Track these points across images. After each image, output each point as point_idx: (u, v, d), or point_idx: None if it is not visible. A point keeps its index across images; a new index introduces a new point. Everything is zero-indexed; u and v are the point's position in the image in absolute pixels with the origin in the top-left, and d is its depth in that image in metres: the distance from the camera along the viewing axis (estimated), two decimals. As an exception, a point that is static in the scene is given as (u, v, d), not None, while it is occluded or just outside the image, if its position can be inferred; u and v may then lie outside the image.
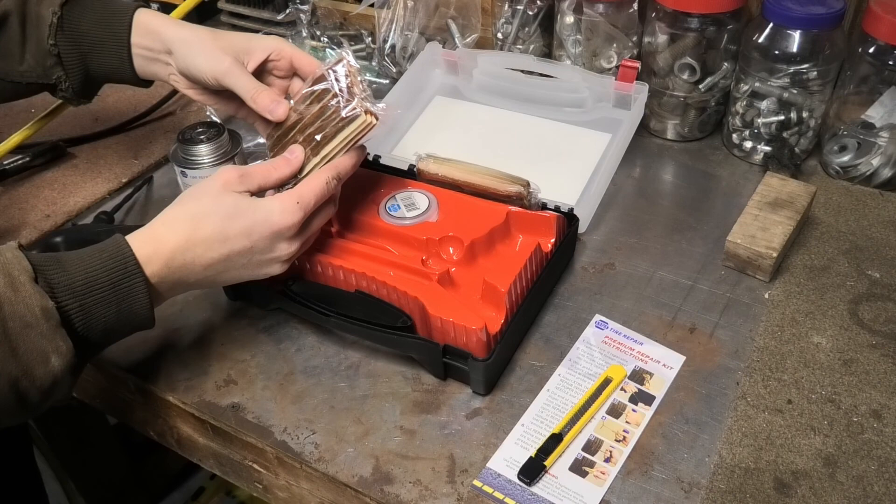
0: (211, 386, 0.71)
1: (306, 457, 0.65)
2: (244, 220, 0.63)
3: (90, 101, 0.82)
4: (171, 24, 0.75)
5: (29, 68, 0.76)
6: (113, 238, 0.60)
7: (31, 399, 0.55)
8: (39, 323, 0.54)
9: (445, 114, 1.01)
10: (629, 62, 0.92)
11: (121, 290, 0.58)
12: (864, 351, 0.71)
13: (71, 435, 1.23)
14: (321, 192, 0.66)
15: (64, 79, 0.77)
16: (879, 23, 0.82)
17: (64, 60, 0.76)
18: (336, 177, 0.67)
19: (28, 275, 0.55)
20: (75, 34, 0.76)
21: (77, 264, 0.58)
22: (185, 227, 0.62)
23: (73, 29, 0.75)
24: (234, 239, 0.62)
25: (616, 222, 0.87)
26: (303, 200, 0.64)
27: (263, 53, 0.75)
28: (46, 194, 0.93)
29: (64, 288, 0.56)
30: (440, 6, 1.03)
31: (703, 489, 0.61)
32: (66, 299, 0.56)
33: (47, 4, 0.75)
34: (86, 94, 0.81)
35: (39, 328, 0.54)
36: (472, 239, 0.72)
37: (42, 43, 0.75)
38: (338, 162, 0.68)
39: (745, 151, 0.94)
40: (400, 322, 0.68)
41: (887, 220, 0.85)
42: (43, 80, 0.77)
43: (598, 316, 0.75)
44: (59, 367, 0.55)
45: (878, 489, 0.60)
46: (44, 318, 0.54)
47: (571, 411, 0.66)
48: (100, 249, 0.59)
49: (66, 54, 0.76)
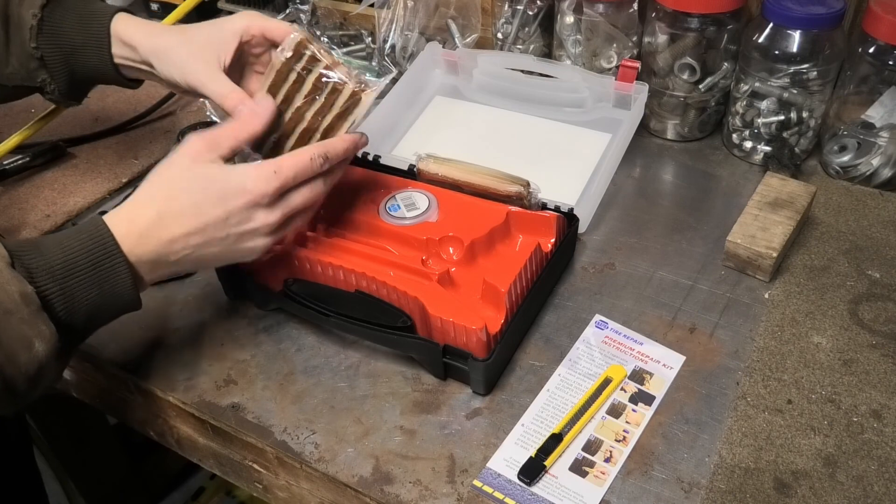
0: (211, 386, 0.71)
1: (306, 457, 0.65)
2: (217, 189, 0.61)
3: (80, 102, 0.82)
4: (146, 36, 0.73)
5: (14, 71, 0.76)
6: (90, 218, 0.60)
7: (18, 386, 0.54)
8: (20, 308, 0.53)
9: (445, 114, 1.01)
10: (629, 62, 0.92)
11: (102, 270, 0.58)
12: (864, 351, 0.71)
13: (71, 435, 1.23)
14: (304, 166, 0.63)
15: (49, 81, 0.76)
16: (879, 23, 0.82)
17: (47, 62, 0.75)
18: (323, 155, 0.64)
19: (4, 261, 0.54)
20: (56, 36, 0.75)
21: (55, 247, 0.57)
22: (157, 203, 0.61)
23: (55, 31, 0.74)
24: (208, 209, 0.61)
25: (616, 222, 0.87)
26: (281, 170, 0.62)
27: (235, 40, 0.72)
28: (46, 194, 0.93)
29: (43, 272, 0.56)
30: (440, 6, 1.03)
31: (703, 489, 0.61)
32: (45, 283, 0.56)
33: (28, 6, 0.74)
34: (73, 95, 0.80)
35: (20, 314, 0.53)
36: (472, 239, 0.72)
37: (24, 45, 0.74)
38: (329, 142, 0.66)
39: (745, 151, 0.94)
40: (400, 322, 0.68)
41: (887, 220, 0.85)
42: (28, 82, 0.77)
43: (598, 316, 0.75)
44: (44, 352, 0.55)
45: (878, 489, 0.60)
46: (23, 303, 0.53)
47: (571, 411, 0.66)
48: (77, 230, 0.59)
49: (49, 56, 0.75)
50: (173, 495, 1.57)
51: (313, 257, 0.71)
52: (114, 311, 0.61)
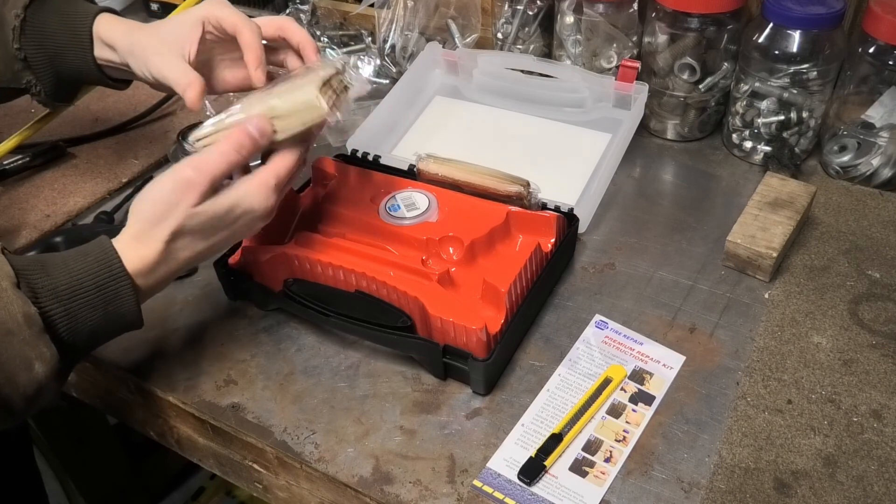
0: (211, 386, 0.71)
1: (306, 457, 0.65)
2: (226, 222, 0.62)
3: (70, 103, 0.81)
4: (123, 36, 0.72)
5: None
6: (97, 240, 0.59)
7: (15, 406, 0.54)
8: (22, 329, 0.53)
9: (445, 114, 1.01)
10: (629, 62, 0.92)
11: (107, 293, 0.58)
12: (864, 351, 0.71)
13: (71, 435, 1.23)
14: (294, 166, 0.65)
15: (34, 82, 0.76)
16: (879, 23, 0.82)
17: (32, 64, 0.75)
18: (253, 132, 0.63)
19: (10, 280, 0.54)
20: (40, 37, 0.74)
21: (61, 268, 0.57)
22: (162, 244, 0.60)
23: (38, 32, 0.74)
24: (218, 237, 0.63)
25: (616, 222, 0.87)
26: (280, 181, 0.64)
27: (196, 30, 0.70)
28: (46, 194, 0.93)
29: (48, 292, 0.55)
30: (440, 6, 1.04)
31: (703, 489, 0.61)
32: (49, 304, 0.55)
33: (11, 6, 0.73)
34: (61, 96, 0.79)
35: (22, 335, 0.53)
36: (472, 239, 0.72)
37: (8, 46, 0.73)
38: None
39: (745, 151, 0.94)
40: (400, 322, 0.68)
41: (887, 220, 0.85)
42: (14, 84, 0.76)
43: (598, 316, 0.75)
44: (44, 374, 0.54)
45: (878, 489, 0.60)
46: (26, 324, 0.53)
47: (571, 411, 0.66)
48: (83, 253, 0.58)
49: (34, 58, 0.74)
50: (173, 495, 1.57)
51: (313, 257, 0.71)
52: (117, 331, 0.61)
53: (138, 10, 1.27)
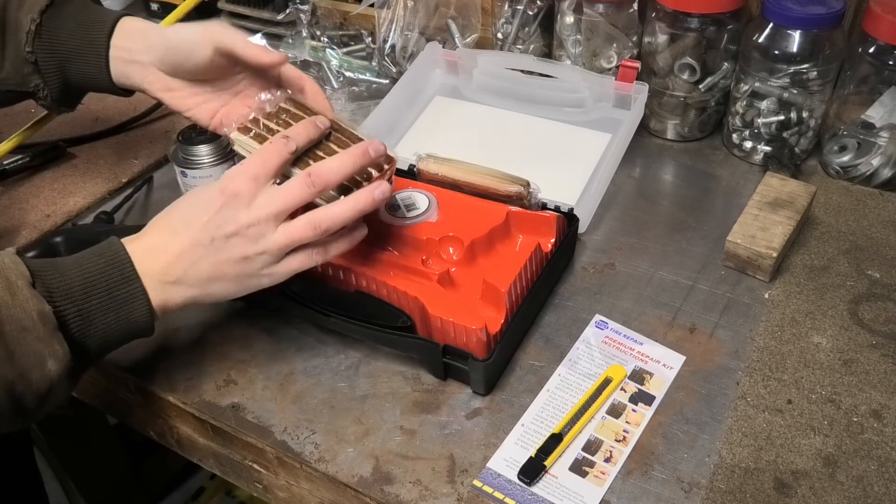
0: (211, 386, 0.71)
1: (306, 457, 0.65)
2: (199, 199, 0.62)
3: (72, 109, 0.81)
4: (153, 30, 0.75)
5: (7, 76, 0.75)
6: (109, 241, 0.60)
7: (28, 404, 0.54)
8: (36, 326, 0.54)
9: (445, 114, 1.01)
10: (629, 62, 0.92)
11: (118, 296, 0.58)
12: (864, 351, 0.71)
13: (71, 435, 1.23)
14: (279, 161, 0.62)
15: (42, 87, 0.76)
16: (879, 23, 0.82)
17: (42, 68, 0.75)
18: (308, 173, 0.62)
19: (26, 279, 0.54)
20: (53, 42, 0.74)
21: (74, 269, 0.58)
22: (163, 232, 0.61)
23: (52, 37, 0.74)
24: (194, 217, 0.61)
25: (616, 222, 0.87)
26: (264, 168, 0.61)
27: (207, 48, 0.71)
28: (46, 194, 0.93)
29: (62, 292, 0.56)
30: (440, 6, 1.03)
31: (703, 489, 0.61)
32: (63, 304, 0.56)
33: (27, 11, 0.73)
34: (66, 102, 0.80)
35: (36, 332, 0.53)
36: (472, 239, 0.72)
37: (19, 49, 0.74)
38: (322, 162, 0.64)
39: (745, 151, 0.94)
40: (400, 322, 0.68)
41: (887, 220, 0.85)
42: (21, 87, 0.76)
43: (598, 316, 0.75)
44: (56, 371, 0.55)
45: (878, 489, 0.60)
46: (41, 321, 0.54)
47: (571, 411, 0.66)
48: (97, 254, 0.59)
49: (44, 62, 0.75)
50: (173, 495, 1.57)
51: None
52: (128, 336, 0.61)
53: (138, 11, 1.28)
